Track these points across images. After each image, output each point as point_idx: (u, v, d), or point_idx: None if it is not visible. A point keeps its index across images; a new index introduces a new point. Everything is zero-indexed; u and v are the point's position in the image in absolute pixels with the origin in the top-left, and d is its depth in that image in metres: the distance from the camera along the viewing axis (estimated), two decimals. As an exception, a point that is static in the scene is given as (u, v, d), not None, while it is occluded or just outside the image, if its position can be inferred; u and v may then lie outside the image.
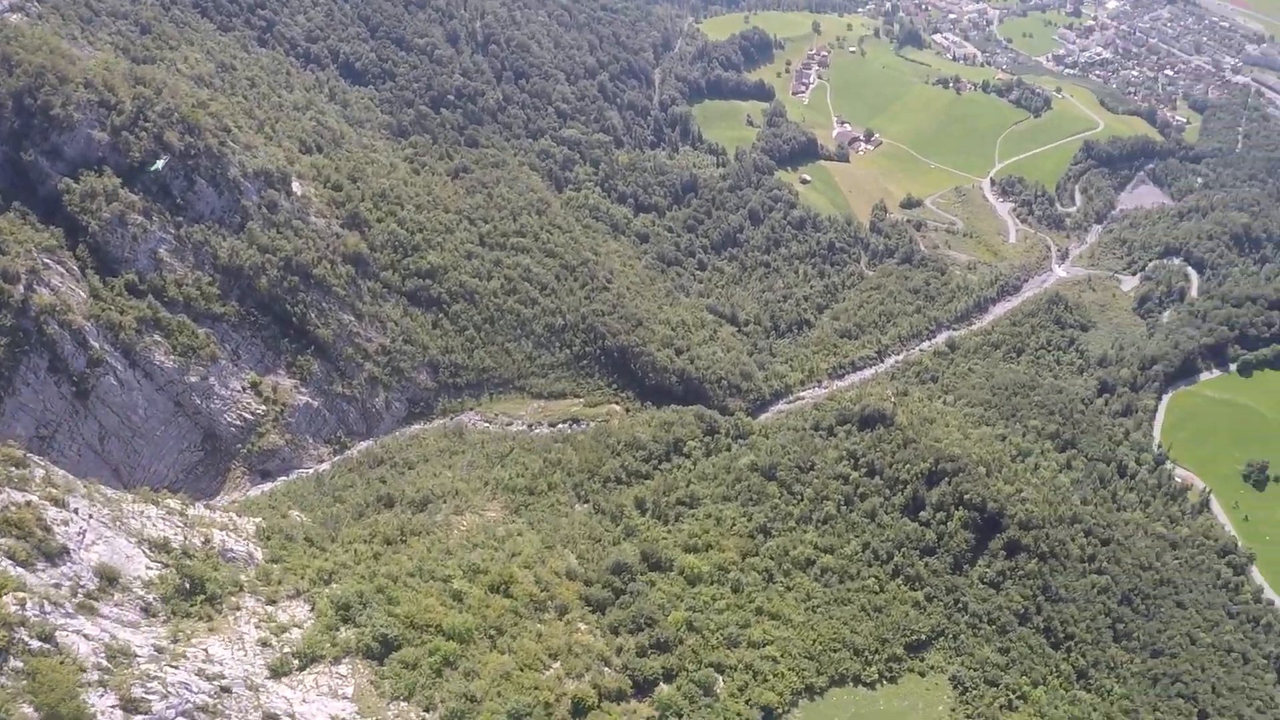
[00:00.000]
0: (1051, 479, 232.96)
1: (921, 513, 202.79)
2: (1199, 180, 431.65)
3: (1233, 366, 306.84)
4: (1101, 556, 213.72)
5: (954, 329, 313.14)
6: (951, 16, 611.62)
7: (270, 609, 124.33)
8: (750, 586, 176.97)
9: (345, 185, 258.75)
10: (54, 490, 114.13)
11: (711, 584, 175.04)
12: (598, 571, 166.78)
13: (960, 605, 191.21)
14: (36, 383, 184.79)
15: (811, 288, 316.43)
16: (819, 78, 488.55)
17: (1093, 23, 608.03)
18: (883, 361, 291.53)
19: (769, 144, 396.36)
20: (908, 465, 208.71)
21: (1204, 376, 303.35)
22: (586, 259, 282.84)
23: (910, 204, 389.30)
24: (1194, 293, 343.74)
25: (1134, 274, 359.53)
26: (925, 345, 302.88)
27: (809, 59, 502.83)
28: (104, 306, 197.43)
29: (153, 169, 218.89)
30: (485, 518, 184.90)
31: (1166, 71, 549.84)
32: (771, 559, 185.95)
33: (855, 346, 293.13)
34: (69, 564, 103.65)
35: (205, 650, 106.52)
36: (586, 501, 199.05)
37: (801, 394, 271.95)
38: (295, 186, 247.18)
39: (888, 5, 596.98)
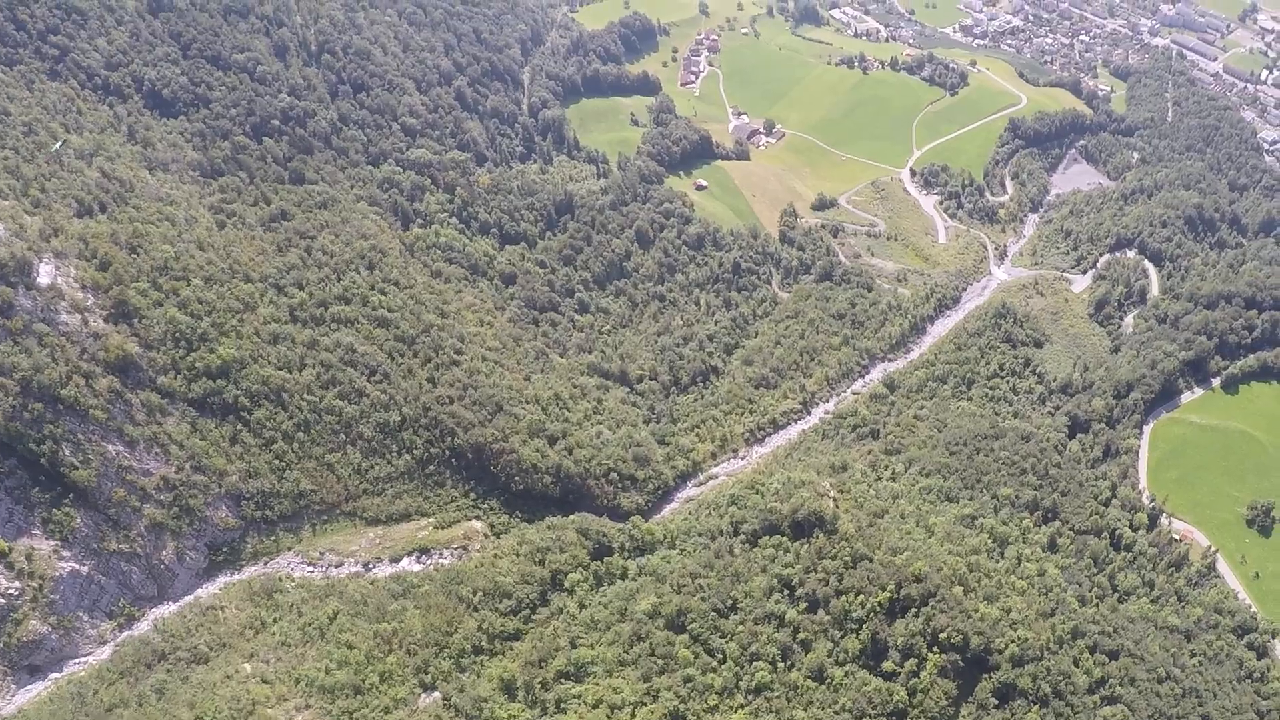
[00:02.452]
0: (1039, 575, 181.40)
1: (885, 661, 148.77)
2: (1134, 155, 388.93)
3: (1216, 382, 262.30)
4: (1114, 678, 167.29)
5: (889, 360, 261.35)
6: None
7: None
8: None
9: (117, 259, 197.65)
10: None
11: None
12: None
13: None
14: None
15: (717, 323, 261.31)
16: (710, 64, 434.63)
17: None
18: (809, 413, 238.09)
19: (657, 146, 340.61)
20: (861, 595, 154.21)
21: (1185, 397, 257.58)
22: (429, 325, 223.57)
23: (823, 205, 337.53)
24: (1155, 290, 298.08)
25: (1084, 272, 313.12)
26: (859, 385, 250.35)
27: (698, 44, 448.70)
28: None
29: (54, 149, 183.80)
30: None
31: (1082, 37, 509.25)
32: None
33: (775, 398, 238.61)
34: None
35: None
36: (434, 689, 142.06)
37: (715, 469, 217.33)
38: (42, 274, 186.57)
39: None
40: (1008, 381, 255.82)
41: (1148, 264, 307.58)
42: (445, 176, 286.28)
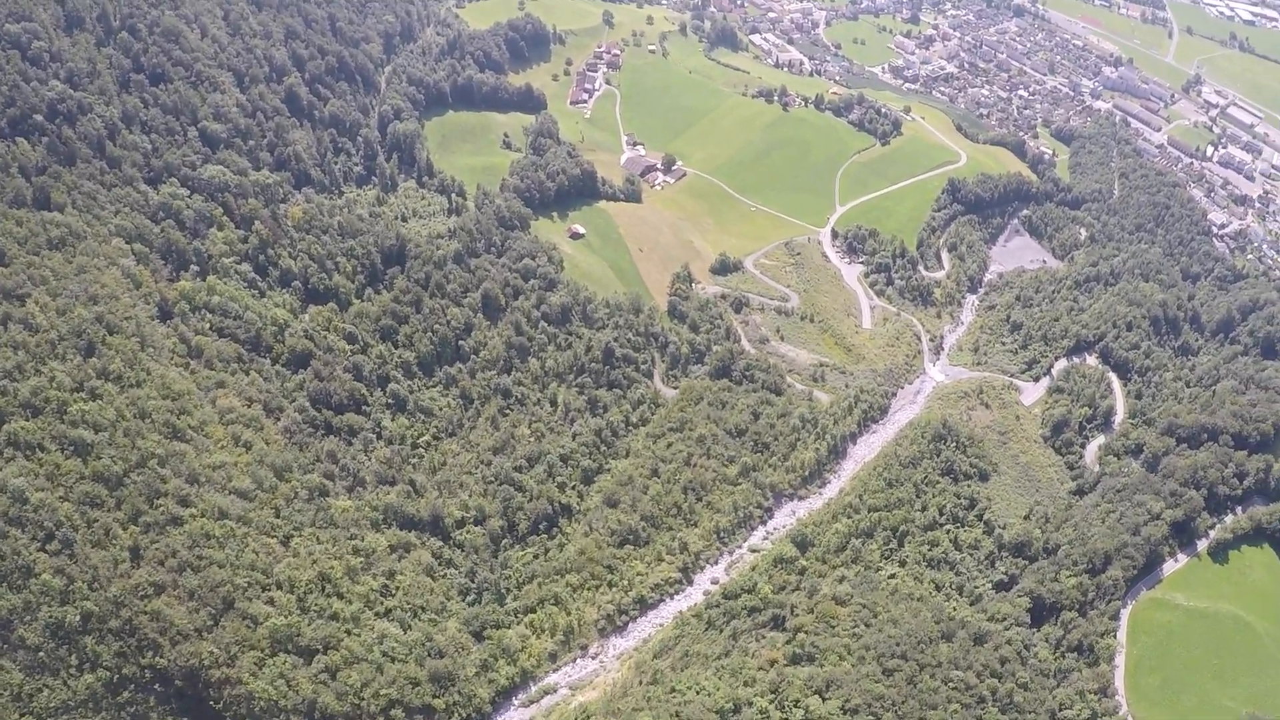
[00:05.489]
0: None
1: None
2: (1082, 232, 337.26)
3: (1202, 546, 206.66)
4: None
5: (800, 498, 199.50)
6: (772, 15, 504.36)
7: None
8: None
9: None
10: None
11: None
12: None
13: None
14: None
15: (575, 437, 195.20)
16: (608, 83, 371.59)
17: (933, 32, 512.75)
18: (691, 584, 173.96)
19: (527, 179, 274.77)
20: None
21: (1167, 566, 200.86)
22: (148, 455, 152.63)
23: (726, 268, 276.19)
24: (1121, 411, 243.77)
25: (1036, 379, 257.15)
26: (759, 537, 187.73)
27: (596, 58, 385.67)
28: None
29: None
30: None
31: (1020, 92, 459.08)
32: None
33: (645, 562, 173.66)
34: None
35: None
36: None
37: (553, 676, 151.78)
38: None
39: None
40: (949, 534, 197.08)
41: (1112, 376, 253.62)
42: (243, 205, 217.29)
